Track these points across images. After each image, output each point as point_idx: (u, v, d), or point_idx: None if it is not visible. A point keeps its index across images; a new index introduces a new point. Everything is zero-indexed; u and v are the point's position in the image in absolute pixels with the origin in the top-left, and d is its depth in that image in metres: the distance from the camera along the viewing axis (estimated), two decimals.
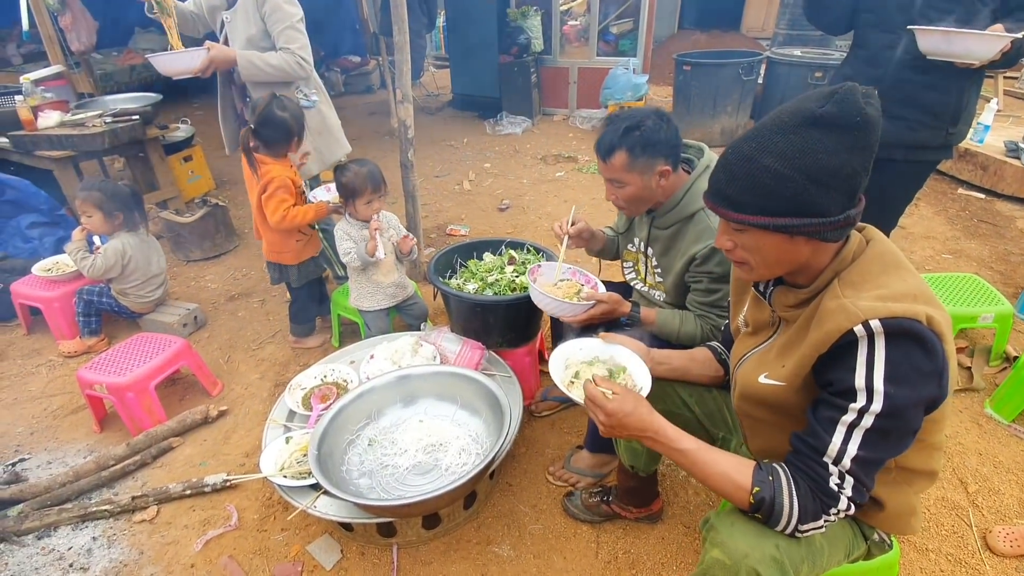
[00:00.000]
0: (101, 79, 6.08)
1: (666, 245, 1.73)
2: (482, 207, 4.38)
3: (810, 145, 0.92)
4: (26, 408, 2.48)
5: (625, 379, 1.39)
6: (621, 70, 5.71)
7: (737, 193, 1.00)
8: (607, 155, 1.59)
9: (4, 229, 3.21)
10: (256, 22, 2.33)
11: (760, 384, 1.12)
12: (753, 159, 0.96)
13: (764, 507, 1.02)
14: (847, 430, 0.96)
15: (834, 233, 0.98)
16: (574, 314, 1.73)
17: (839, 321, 0.95)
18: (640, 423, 1.15)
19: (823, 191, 0.93)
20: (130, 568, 1.78)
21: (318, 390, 2.05)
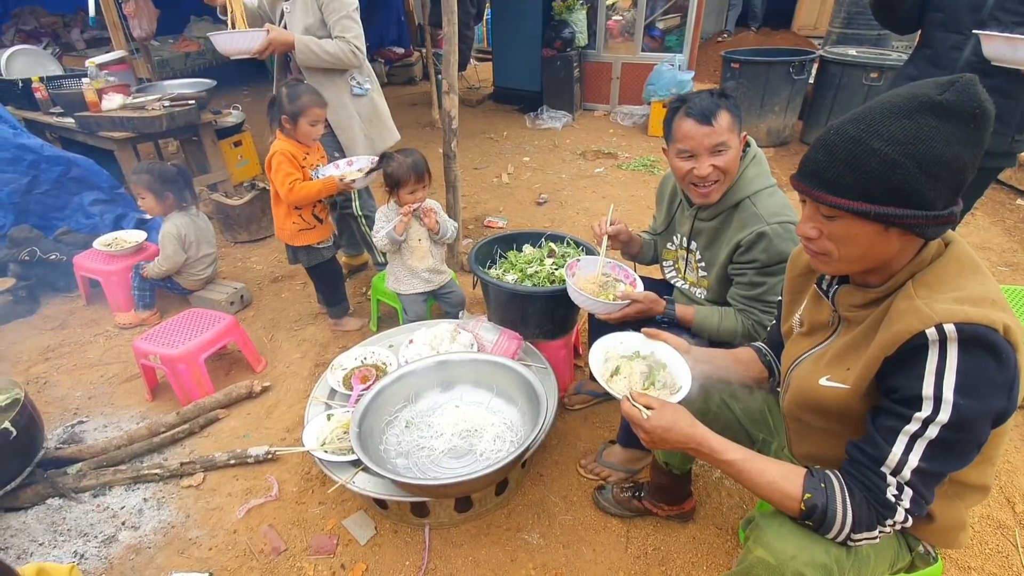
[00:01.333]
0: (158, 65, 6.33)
1: (711, 237, 1.71)
2: (520, 200, 4.39)
3: (925, 132, 0.87)
4: (84, 374, 2.62)
5: (664, 376, 1.38)
6: (666, 66, 5.61)
7: (838, 175, 0.92)
8: (711, 116, 1.51)
9: (68, 205, 3.38)
10: (314, 12, 2.40)
11: (821, 387, 1.07)
12: (861, 141, 0.89)
13: (816, 514, 0.99)
14: (909, 440, 0.92)
15: (934, 229, 0.92)
16: (608, 312, 1.74)
17: (910, 322, 0.90)
18: (681, 436, 1.13)
19: (932, 182, 0.88)
20: (177, 529, 1.87)
21: (358, 371, 2.11)
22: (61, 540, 1.82)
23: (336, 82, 2.52)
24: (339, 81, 2.52)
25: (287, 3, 2.44)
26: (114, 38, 4.60)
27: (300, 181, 2.36)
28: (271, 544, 1.81)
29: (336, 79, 2.51)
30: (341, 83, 2.53)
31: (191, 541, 1.84)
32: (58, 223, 3.33)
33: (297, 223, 2.49)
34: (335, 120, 2.56)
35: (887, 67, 4.69)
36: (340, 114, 2.55)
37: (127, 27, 4.67)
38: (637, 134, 5.86)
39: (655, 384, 1.39)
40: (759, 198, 1.60)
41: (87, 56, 5.00)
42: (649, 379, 1.40)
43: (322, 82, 2.49)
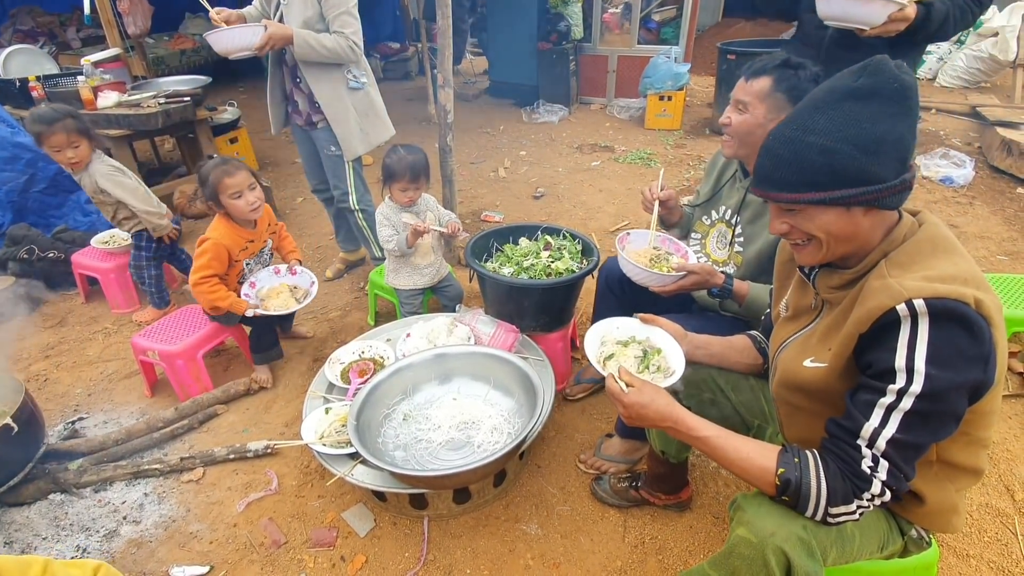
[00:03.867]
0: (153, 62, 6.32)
1: (757, 211, 1.72)
2: (517, 194, 4.40)
3: (851, 116, 0.94)
4: (84, 371, 2.63)
5: (659, 361, 1.40)
6: (662, 59, 5.60)
7: (786, 174, 1.00)
8: (753, 76, 1.57)
9: (65, 203, 3.39)
10: (313, 5, 2.39)
11: (804, 368, 1.10)
12: (797, 140, 0.98)
13: (791, 489, 1.02)
14: (885, 412, 0.94)
15: (893, 199, 0.97)
16: (663, 284, 1.70)
17: (881, 299, 0.93)
18: (658, 414, 1.18)
19: (872, 158, 0.94)
20: (178, 523, 1.89)
21: (356, 365, 2.12)
22: (64, 535, 1.84)
23: (333, 75, 2.51)
24: (336, 75, 2.51)
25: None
26: (109, 36, 4.59)
27: (216, 282, 2.21)
28: (271, 537, 1.82)
29: (333, 73, 2.50)
30: (338, 76, 2.52)
31: (192, 535, 1.85)
32: (56, 221, 3.33)
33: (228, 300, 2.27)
34: (331, 114, 2.55)
35: None
36: (336, 107, 2.55)
37: (122, 25, 4.65)
38: (634, 127, 5.85)
39: (649, 368, 1.40)
40: None
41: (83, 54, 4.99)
42: (643, 363, 1.41)
43: (319, 75, 2.49)
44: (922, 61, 4.92)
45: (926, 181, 4.28)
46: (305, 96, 2.58)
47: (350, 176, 2.74)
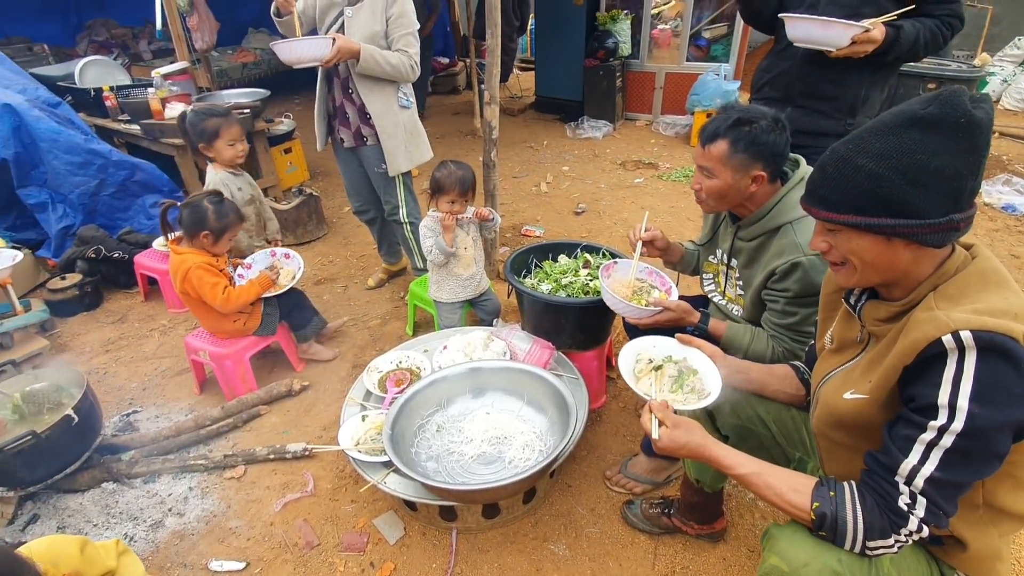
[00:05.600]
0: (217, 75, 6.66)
1: (750, 257, 1.68)
2: (558, 210, 4.41)
3: (908, 145, 0.91)
4: (140, 367, 2.78)
5: (694, 382, 1.39)
6: (711, 76, 5.53)
7: (829, 192, 0.99)
8: (708, 141, 1.55)
9: (131, 206, 3.61)
10: (380, 21, 2.44)
11: (844, 401, 1.08)
12: (848, 160, 0.96)
13: (827, 523, 1.00)
14: (924, 449, 0.92)
15: (934, 237, 0.93)
16: (638, 317, 1.74)
17: (927, 330, 0.91)
18: (692, 453, 1.19)
19: (920, 191, 0.91)
20: (219, 519, 1.96)
21: (393, 374, 2.16)
22: (113, 522, 1.94)
23: (386, 90, 2.57)
24: (389, 90, 2.57)
25: (349, 8, 2.46)
26: (178, 50, 4.88)
27: (230, 287, 2.30)
28: (305, 538, 1.87)
29: (387, 88, 2.56)
30: (390, 92, 2.59)
31: (231, 531, 1.92)
32: (122, 223, 3.55)
33: (238, 320, 2.42)
34: (382, 126, 2.59)
35: (946, 77, 4.49)
36: (387, 122, 2.60)
37: (190, 39, 4.95)
38: (679, 144, 5.79)
39: (683, 388, 1.39)
40: (802, 225, 1.55)
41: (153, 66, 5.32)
42: (678, 383, 1.40)
43: (372, 88, 2.54)
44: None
45: (987, 208, 4.06)
46: (356, 109, 2.63)
47: (400, 190, 2.80)
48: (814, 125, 2.18)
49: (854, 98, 2.10)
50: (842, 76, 2.06)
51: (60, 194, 3.37)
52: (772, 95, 2.32)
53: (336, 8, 2.49)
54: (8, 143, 3.17)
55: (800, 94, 2.19)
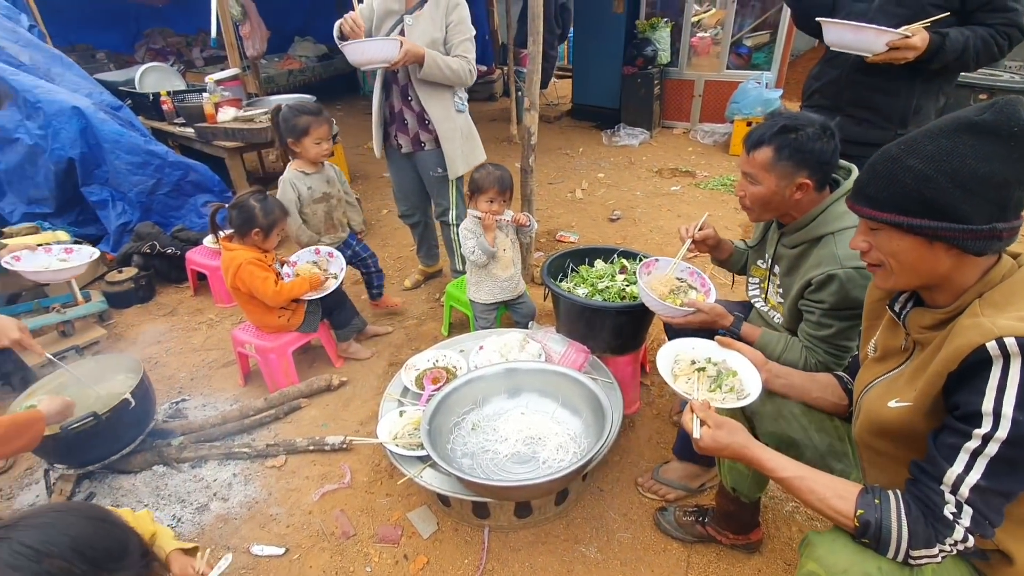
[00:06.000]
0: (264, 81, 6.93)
1: (790, 264, 1.67)
2: (593, 216, 4.41)
3: (959, 149, 0.91)
4: (188, 357, 2.90)
5: (733, 382, 1.39)
6: (752, 84, 5.46)
7: (875, 191, 0.99)
8: (753, 147, 1.54)
9: (184, 205, 3.78)
10: (440, 28, 2.51)
11: (888, 409, 1.07)
12: (898, 159, 0.97)
13: (871, 531, 0.99)
14: (970, 457, 0.91)
15: (976, 243, 0.93)
16: (670, 316, 1.75)
17: (972, 337, 0.90)
18: (734, 454, 1.18)
19: (966, 196, 0.91)
20: (260, 505, 2.03)
21: (430, 372, 2.20)
22: (163, 503, 2.03)
23: (444, 96, 2.64)
24: (446, 95, 2.63)
25: (408, 17, 2.53)
26: (230, 56, 5.09)
27: (282, 283, 2.39)
28: (341, 528, 1.92)
29: (444, 93, 2.63)
30: (448, 97, 2.65)
31: (271, 517, 1.99)
32: (175, 221, 3.72)
33: (282, 316, 2.50)
34: (442, 131, 2.66)
35: (997, 88, 4.33)
36: (447, 126, 2.67)
37: (242, 47, 5.17)
38: (717, 153, 5.72)
39: (721, 388, 1.38)
40: (843, 236, 1.52)
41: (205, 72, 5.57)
42: (716, 382, 1.39)
43: (432, 94, 2.60)
44: None
45: None
46: (415, 115, 2.69)
47: (452, 194, 2.87)
48: (864, 135, 2.15)
49: (904, 108, 2.06)
50: (892, 85, 2.03)
51: (120, 192, 3.56)
52: (821, 103, 2.29)
53: (394, 16, 2.55)
54: (75, 143, 3.37)
55: (849, 102, 2.16)
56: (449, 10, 2.51)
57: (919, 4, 1.90)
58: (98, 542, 0.93)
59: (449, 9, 2.51)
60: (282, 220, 2.42)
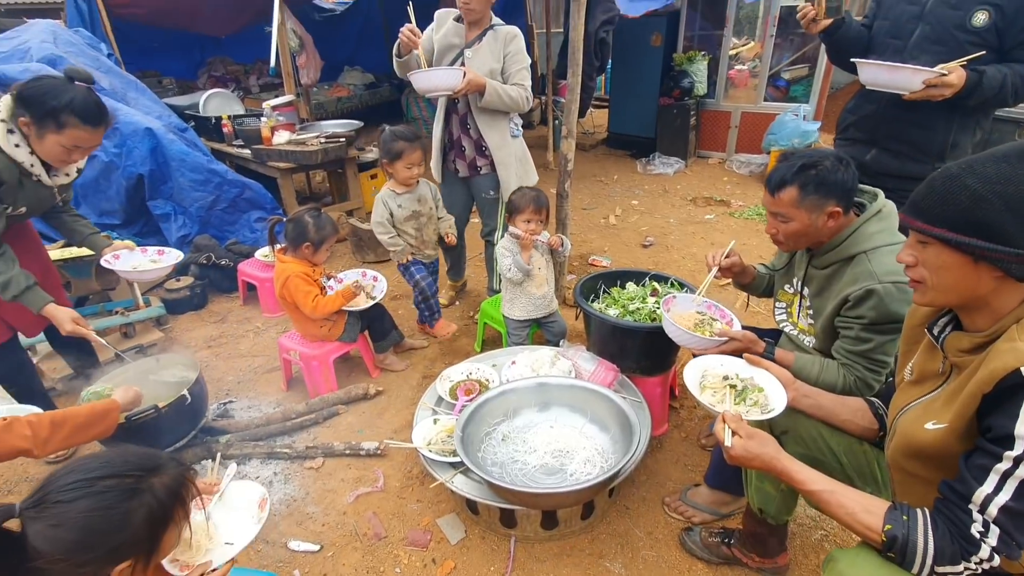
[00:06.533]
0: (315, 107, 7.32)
1: (821, 285, 1.70)
2: (626, 242, 4.47)
3: (1014, 174, 0.94)
4: (236, 362, 3.07)
5: (758, 397, 1.42)
6: (790, 116, 5.49)
7: (931, 205, 1.01)
8: (777, 189, 1.60)
9: (238, 220, 4.03)
10: (498, 59, 2.68)
11: (924, 431, 1.09)
12: (957, 177, 0.99)
13: (897, 545, 1.01)
14: (1000, 479, 0.93)
15: (1020, 268, 0.95)
16: (704, 347, 1.77)
17: (1007, 360, 0.93)
18: (764, 465, 1.21)
19: (1017, 221, 0.93)
20: (298, 503, 2.13)
21: (464, 384, 2.29)
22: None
23: (501, 123, 2.80)
24: (503, 122, 2.80)
25: (468, 50, 2.70)
26: (286, 84, 5.43)
27: (320, 296, 2.54)
28: (373, 530, 2.00)
29: (501, 120, 2.79)
30: (503, 124, 2.81)
31: (308, 515, 2.08)
32: (229, 235, 3.96)
33: (324, 326, 2.65)
34: (499, 158, 2.83)
35: None
36: (503, 152, 2.83)
37: (297, 75, 5.51)
38: (753, 183, 5.73)
39: (746, 401, 1.42)
40: (877, 255, 1.56)
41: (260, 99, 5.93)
42: (740, 396, 1.43)
43: (490, 123, 2.77)
44: None
45: None
46: (473, 142, 2.86)
47: (501, 215, 3.02)
48: (901, 168, 2.17)
49: (941, 142, 2.08)
50: (928, 120, 2.06)
51: (182, 207, 3.83)
52: (857, 136, 2.33)
53: (454, 50, 2.73)
54: (146, 161, 3.66)
55: (885, 136, 2.20)
56: (507, 42, 2.67)
57: (956, 41, 1.94)
58: (131, 457, 1.05)
59: (507, 41, 2.67)
60: (332, 237, 2.58)
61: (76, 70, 1.89)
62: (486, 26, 2.68)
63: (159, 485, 1.03)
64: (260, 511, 1.30)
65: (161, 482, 1.04)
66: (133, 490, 1.00)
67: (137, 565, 1.02)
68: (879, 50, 2.15)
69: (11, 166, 1.89)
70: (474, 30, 2.69)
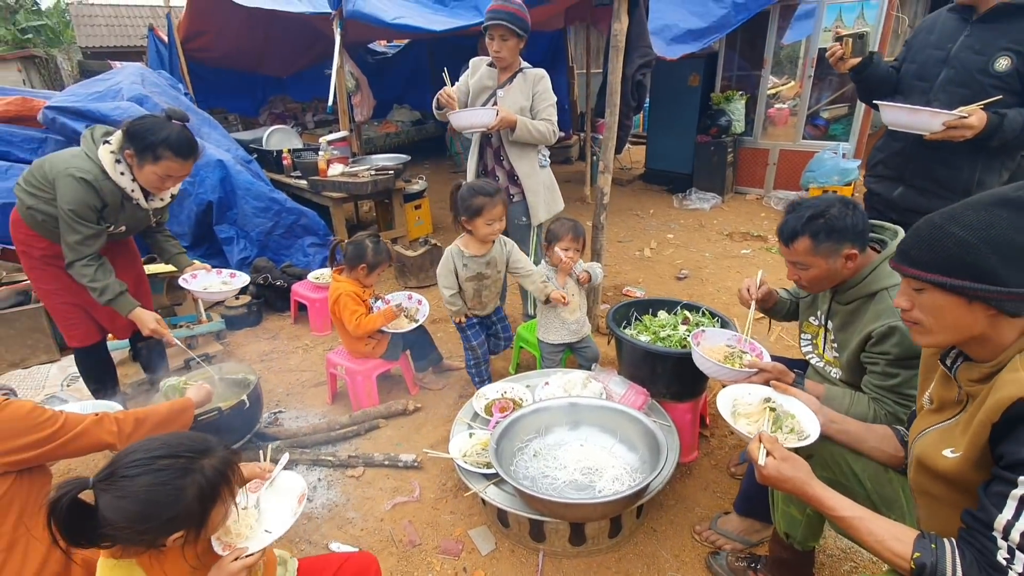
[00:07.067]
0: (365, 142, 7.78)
1: (845, 320, 1.75)
2: (660, 274, 4.55)
3: (998, 221, 1.02)
4: (286, 376, 3.27)
5: (792, 424, 1.46)
6: (829, 154, 5.51)
7: (921, 253, 1.10)
8: (789, 241, 1.68)
9: (293, 245, 4.32)
10: (527, 97, 2.94)
11: (942, 458, 1.13)
12: (942, 227, 1.07)
13: (926, 573, 1.03)
14: (1018, 504, 0.95)
15: (1012, 305, 1.02)
16: (734, 379, 1.81)
17: (1011, 390, 0.98)
18: (794, 488, 1.24)
19: (1005, 262, 1.01)
20: (339, 509, 2.26)
21: (498, 402, 2.40)
22: None
23: (530, 154, 3.02)
24: (532, 154, 3.02)
25: (500, 90, 2.97)
26: (341, 121, 5.83)
27: (364, 315, 2.72)
28: (408, 537, 2.10)
29: (530, 152, 3.02)
30: (533, 155, 3.03)
31: (348, 520, 2.20)
32: (285, 258, 4.25)
33: (369, 343, 2.82)
34: (528, 185, 3.03)
35: None
36: (532, 180, 3.04)
37: (352, 113, 5.91)
38: None
39: (782, 428, 1.46)
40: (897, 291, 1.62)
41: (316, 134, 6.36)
42: (776, 424, 1.47)
43: (521, 154, 3.00)
44: None
45: None
46: (506, 172, 3.09)
47: (533, 240, 3.19)
48: (928, 205, 2.19)
49: (967, 181, 2.13)
50: (954, 158, 2.12)
51: (244, 231, 4.15)
52: (885, 173, 2.39)
53: (488, 91, 3.00)
54: (216, 189, 4.01)
55: (912, 174, 2.26)
56: (535, 83, 2.94)
57: (979, 84, 2.02)
58: (184, 440, 1.17)
59: (535, 82, 2.94)
60: (386, 262, 2.80)
61: (174, 111, 2.18)
62: (515, 70, 2.95)
63: (208, 466, 1.15)
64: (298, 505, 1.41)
65: (210, 463, 1.16)
66: (186, 469, 1.12)
67: (188, 536, 1.13)
68: (906, 92, 2.23)
69: (116, 191, 2.17)
70: (505, 74, 2.97)
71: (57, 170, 2.12)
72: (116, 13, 14.77)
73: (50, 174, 2.14)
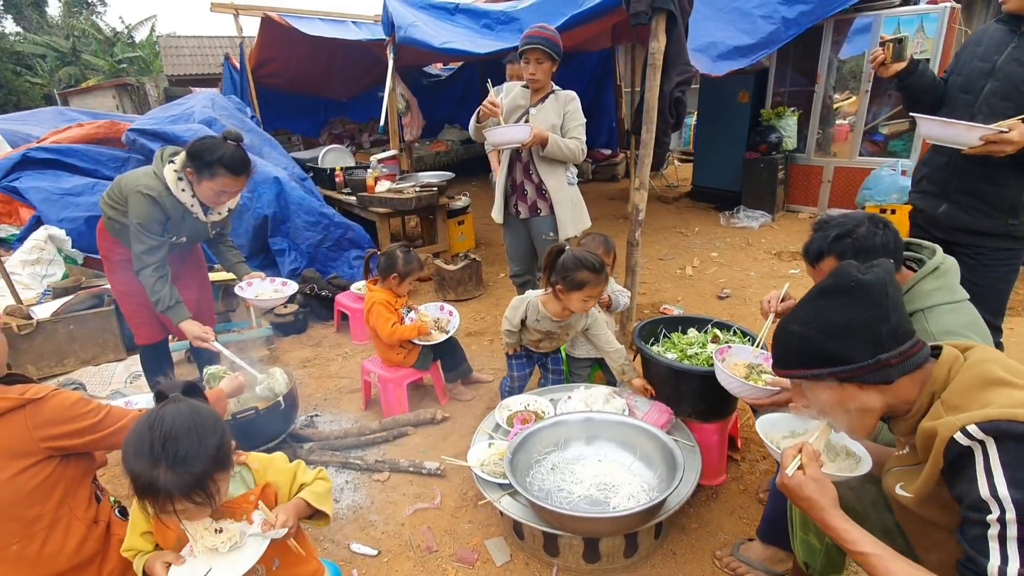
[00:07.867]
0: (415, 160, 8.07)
1: None
2: (701, 292, 4.45)
3: (820, 310, 1.14)
4: (324, 382, 3.42)
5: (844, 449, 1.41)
6: (887, 171, 5.25)
7: (781, 355, 1.22)
8: (816, 260, 1.62)
9: (340, 258, 4.53)
10: (559, 116, 3.05)
11: (897, 493, 1.17)
12: (786, 328, 1.20)
13: None
14: (999, 545, 0.94)
15: (873, 375, 1.09)
16: (756, 397, 1.78)
17: (942, 434, 1.01)
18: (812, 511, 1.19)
19: (842, 343, 1.10)
20: (363, 511, 2.34)
21: (521, 414, 2.42)
22: None
23: (558, 171, 3.10)
24: (560, 170, 3.10)
25: (533, 109, 3.07)
26: (392, 141, 6.10)
27: (398, 324, 2.81)
28: (426, 543, 2.15)
29: (559, 168, 3.10)
30: (562, 172, 3.11)
31: (370, 522, 2.28)
32: (331, 270, 4.46)
33: (400, 352, 2.90)
34: (557, 199, 3.10)
35: None
36: (560, 195, 3.11)
37: (402, 133, 6.17)
38: None
39: (840, 455, 1.39)
40: (935, 314, 1.54)
41: (371, 153, 6.67)
42: (833, 452, 1.40)
43: (550, 170, 3.08)
44: None
45: None
46: (535, 186, 3.16)
47: None
48: (972, 223, 2.13)
49: (1013, 198, 2.03)
50: (1000, 175, 2.02)
51: (295, 244, 4.40)
52: (929, 189, 2.29)
53: (521, 109, 3.11)
54: (271, 204, 4.28)
55: (956, 190, 2.16)
56: (566, 103, 3.05)
57: None
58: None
59: (566, 102, 3.05)
60: (416, 272, 2.90)
61: (231, 132, 2.38)
62: (547, 92, 3.06)
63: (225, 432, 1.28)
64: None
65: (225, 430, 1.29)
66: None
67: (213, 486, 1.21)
68: (951, 104, 2.14)
69: (178, 205, 2.39)
70: (537, 95, 3.08)
71: (129, 187, 2.36)
72: (199, 43, 16.09)
73: (124, 190, 2.39)
